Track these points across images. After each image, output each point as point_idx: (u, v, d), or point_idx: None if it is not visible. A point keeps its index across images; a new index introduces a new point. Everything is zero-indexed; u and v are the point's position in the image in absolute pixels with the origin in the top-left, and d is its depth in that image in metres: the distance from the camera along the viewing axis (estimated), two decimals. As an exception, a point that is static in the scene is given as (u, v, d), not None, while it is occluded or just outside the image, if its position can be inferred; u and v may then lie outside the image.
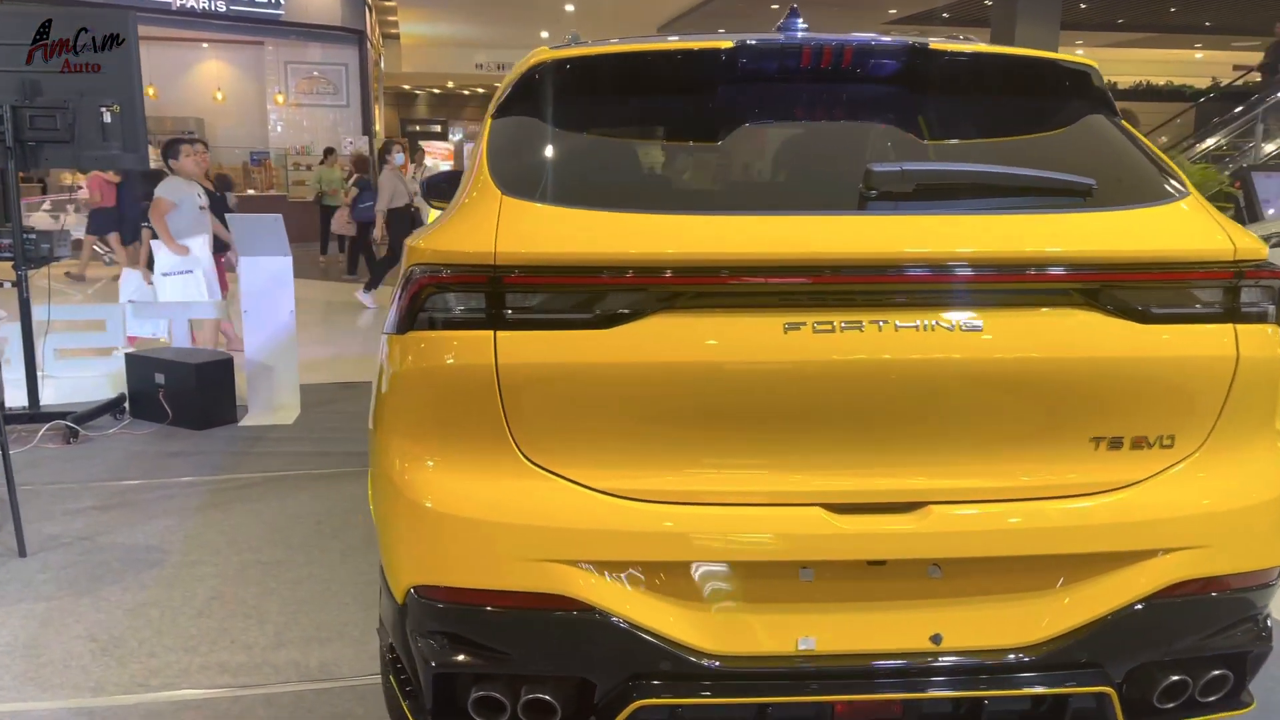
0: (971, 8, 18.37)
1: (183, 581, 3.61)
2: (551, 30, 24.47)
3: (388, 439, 2.04)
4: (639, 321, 1.82)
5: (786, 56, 2.08)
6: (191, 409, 5.67)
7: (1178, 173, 2.08)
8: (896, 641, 1.90)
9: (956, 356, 1.82)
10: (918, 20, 20.49)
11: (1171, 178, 2.05)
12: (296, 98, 19.31)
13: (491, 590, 1.88)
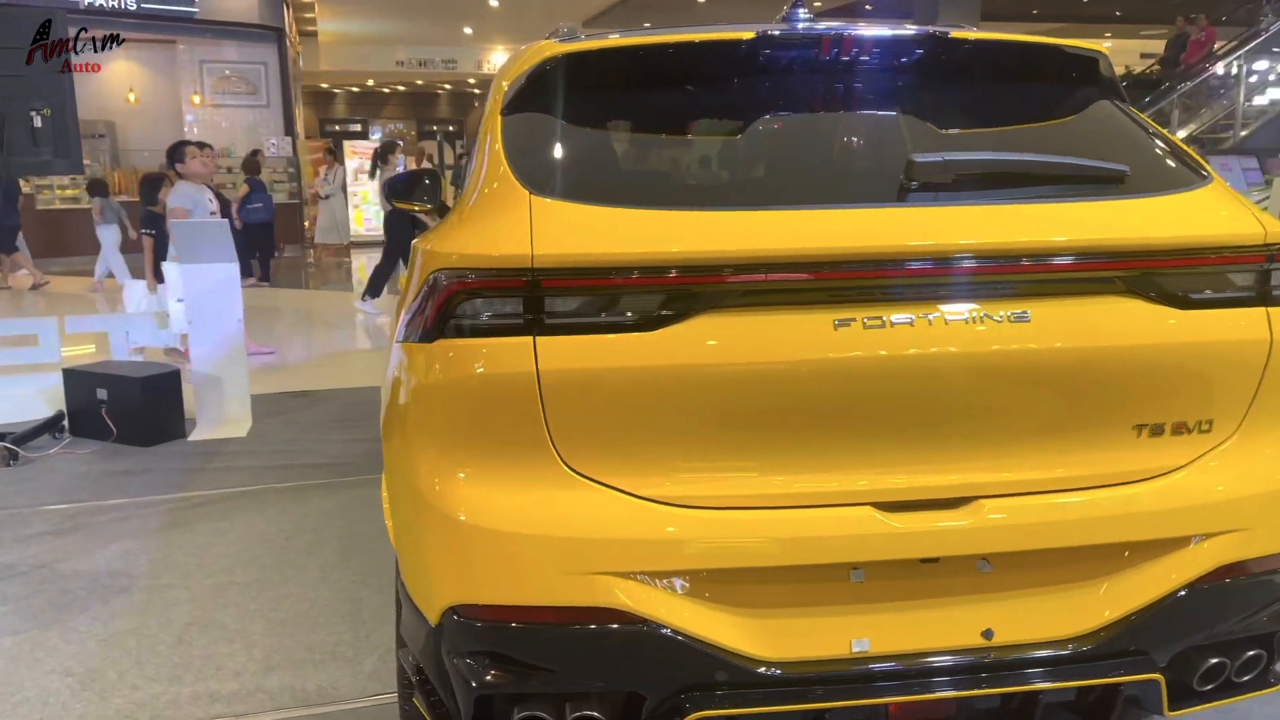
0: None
1: (155, 607, 3.44)
2: (475, 26, 24.20)
3: (414, 453, 1.94)
4: (686, 322, 1.77)
5: (811, 46, 2.04)
6: (137, 425, 5.44)
7: (1197, 158, 2.10)
8: (948, 639, 1.88)
9: (1006, 347, 1.80)
10: (843, 12, 20.72)
11: (1193, 163, 2.07)
12: (213, 98, 18.72)
13: (539, 607, 1.81)
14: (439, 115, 36.24)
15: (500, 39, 26.87)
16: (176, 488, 4.74)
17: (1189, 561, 1.91)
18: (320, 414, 6.18)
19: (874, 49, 2.06)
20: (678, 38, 2.09)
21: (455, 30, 24.89)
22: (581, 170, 2.01)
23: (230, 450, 5.37)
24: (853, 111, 2.18)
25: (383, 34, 25.36)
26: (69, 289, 12.70)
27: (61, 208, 16.49)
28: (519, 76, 2.17)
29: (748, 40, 2.03)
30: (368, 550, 3.91)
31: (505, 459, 1.84)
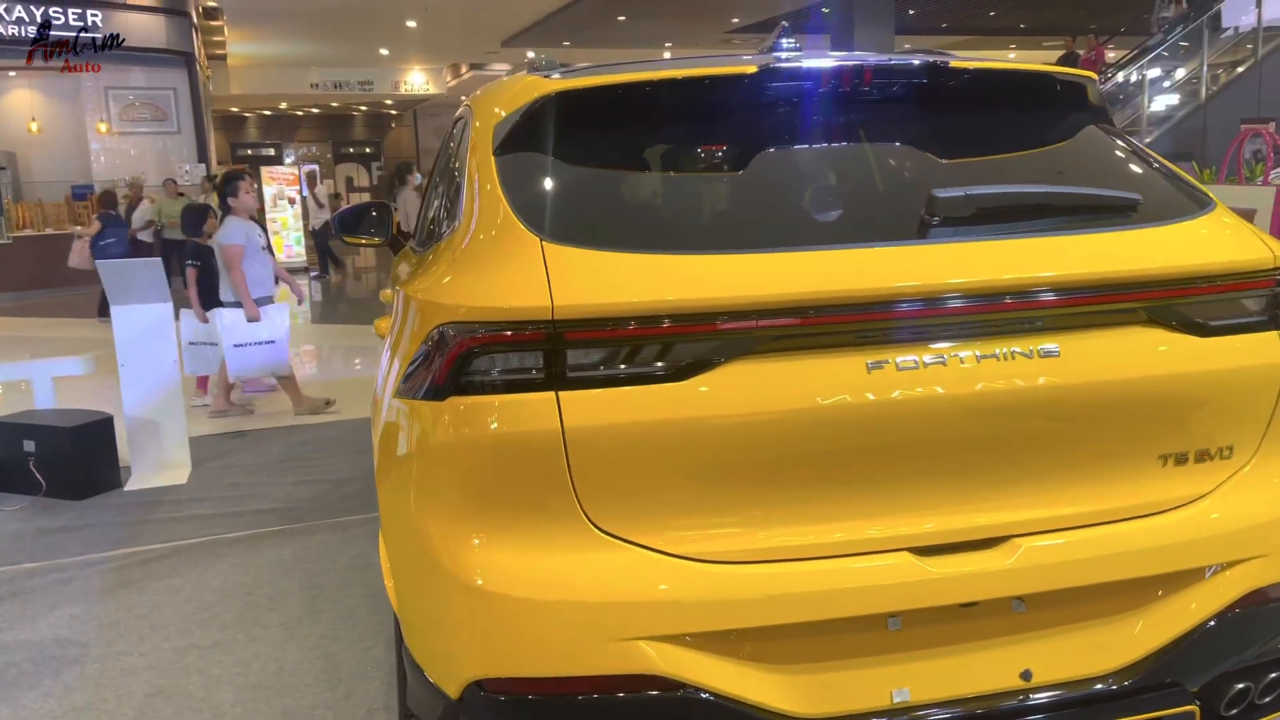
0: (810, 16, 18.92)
1: (111, 678, 3.23)
2: (392, 47, 23.88)
3: (425, 515, 1.83)
4: (715, 370, 1.70)
5: (817, 79, 1.99)
6: (69, 477, 5.15)
7: (1195, 183, 2.11)
8: (988, 682, 1.84)
9: (1037, 383, 1.77)
10: (759, 29, 20.99)
11: (1194, 189, 2.08)
12: (121, 126, 18.10)
13: (571, 677, 1.72)
14: (355, 137, 35.65)
15: (417, 59, 26.60)
16: (119, 544, 4.49)
17: (1218, 589, 1.91)
18: (262, 455, 5.95)
19: (883, 81, 2.03)
20: (682, 73, 2.03)
21: (371, 51, 24.53)
22: (594, 214, 1.92)
23: (172, 499, 5.12)
24: (865, 145, 2.14)
25: (296, 56, 24.87)
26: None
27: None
28: (511, 115, 2.08)
29: (752, 74, 1.98)
30: (334, 603, 3.74)
31: (528, 520, 1.75)
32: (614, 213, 1.96)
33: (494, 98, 2.29)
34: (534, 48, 23.67)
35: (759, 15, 19.76)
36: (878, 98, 2.06)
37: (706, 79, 2.02)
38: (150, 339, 5.42)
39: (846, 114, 2.09)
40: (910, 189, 2.00)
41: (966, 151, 2.12)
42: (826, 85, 2.00)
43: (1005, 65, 2.19)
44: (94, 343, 10.94)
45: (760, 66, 1.98)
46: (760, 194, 2.00)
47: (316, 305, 15.07)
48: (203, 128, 18.76)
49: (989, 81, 2.15)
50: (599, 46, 22.32)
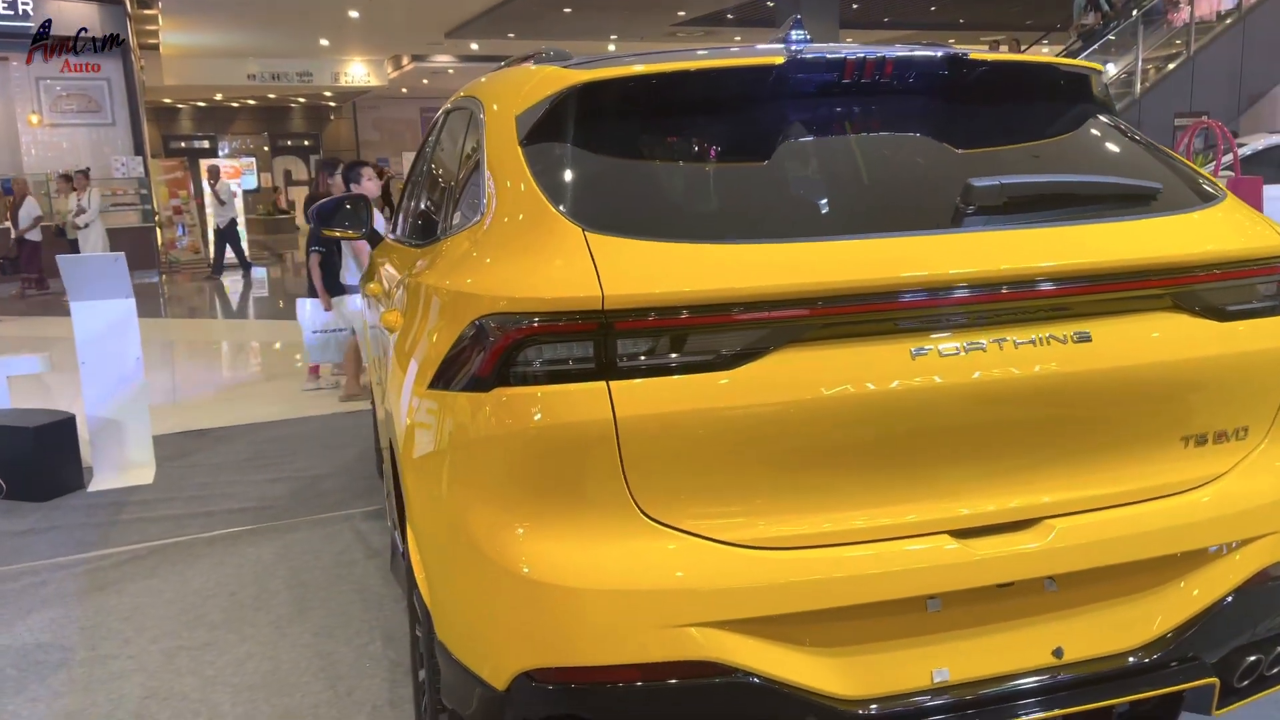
0: (756, 9, 19.05)
1: (101, 682, 3.16)
2: (332, 37, 23.47)
3: (470, 508, 1.83)
4: (764, 359, 1.72)
5: (844, 70, 2.02)
6: (30, 478, 5.01)
7: (1205, 174, 2.18)
8: (1022, 660, 1.89)
9: (1071, 369, 1.82)
10: (705, 22, 21.06)
11: (1204, 179, 2.15)
12: (53, 117, 17.52)
13: (625, 665, 1.73)
14: (293, 130, 34.97)
15: (358, 51, 26.17)
16: (90, 545, 4.38)
17: (1235, 566, 1.98)
18: (227, 454, 5.83)
19: (908, 72, 2.06)
20: (712, 64, 2.04)
21: (311, 42, 24.07)
22: (634, 204, 1.93)
23: (139, 500, 5.00)
24: (894, 134, 2.17)
25: (233, 46, 24.29)
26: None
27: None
28: (535, 106, 2.07)
29: (781, 65, 2.00)
30: (324, 601, 3.69)
31: (577, 509, 1.75)
32: (652, 202, 1.97)
33: (511, 89, 2.27)
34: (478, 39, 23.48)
35: (704, 9, 19.81)
36: (902, 88, 2.10)
37: (736, 70, 2.04)
38: (112, 336, 5.28)
39: (874, 104, 2.13)
40: (942, 178, 2.04)
41: (989, 141, 2.17)
42: (853, 75, 2.03)
43: (1018, 57, 2.25)
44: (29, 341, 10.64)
45: (788, 56, 2.00)
46: (794, 183, 2.03)
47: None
48: (138, 119, 18.24)
49: (1005, 73, 2.20)
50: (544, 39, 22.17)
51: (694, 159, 2.07)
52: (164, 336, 10.90)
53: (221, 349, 11.01)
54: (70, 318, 5.18)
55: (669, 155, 2.07)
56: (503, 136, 2.14)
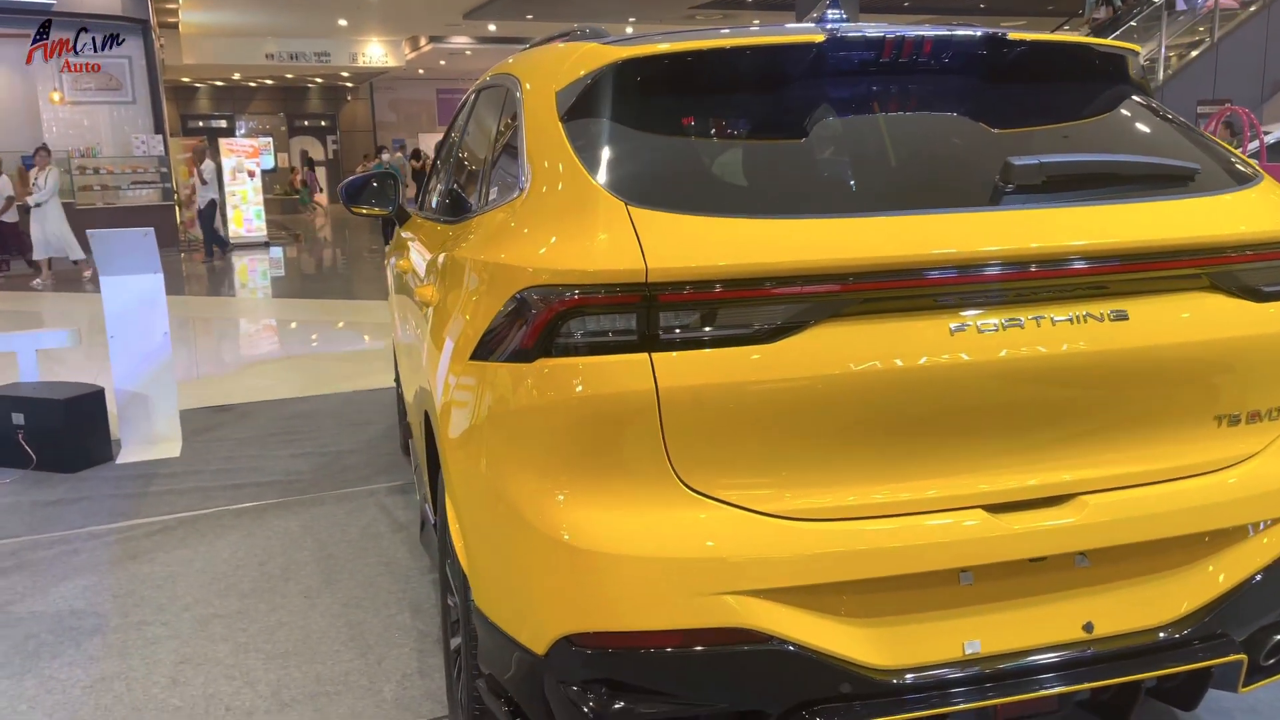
0: (775, -7, 18.95)
1: (136, 647, 3.22)
2: (351, 17, 23.47)
3: (511, 476, 1.86)
4: (804, 333, 1.75)
5: (883, 49, 2.03)
6: (61, 450, 5.07)
7: (1239, 155, 2.19)
8: (1053, 634, 1.91)
9: (1109, 346, 1.85)
10: (723, 5, 20.97)
11: (1239, 161, 2.16)
12: (74, 95, 17.62)
13: (662, 631, 1.76)
14: (310, 110, 35.03)
15: (376, 31, 26.17)
16: (121, 516, 4.44)
17: (1264, 544, 2.00)
18: (251, 429, 5.89)
19: (947, 51, 2.08)
20: (752, 40, 2.06)
21: (329, 22, 24.09)
22: (676, 179, 1.96)
23: (167, 472, 5.06)
24: (932, 112, 2.19)
25: (251, 25, 24.35)
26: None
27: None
28: (576, 82, 2.09)
29: (821, 42, 2.01)
30: (351, 572, 3.75)
31: (619, 480, 1.79)
32: (693, 177, 2.00)
33: (550, 66, 2.29)
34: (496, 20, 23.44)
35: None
36: (940, 67, 2.11)
37: (776, 47, 2.06)
38: (140, 310, 5.34)
39: (913, 83, 2.14)
40: (980, 156, 2.06)
41: (1026, 120, 2.19)
42: (892, 54, 2.04)
43: (1056, 37, 2.26)
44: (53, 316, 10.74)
45: (828, 34, 2.02)
46: (834, 160, 2.05)
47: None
48: (158, 98, 18.33)
49: (1042, 53, 2.21)
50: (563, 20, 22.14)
51: (734, 135, 2.09)
52: (184, 313, 10.97)
53: (240, 325, 11.08)
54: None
55: (709, 131, 2.09)
56: (542, 113, 2.16)
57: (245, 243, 18.52)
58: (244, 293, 14.15)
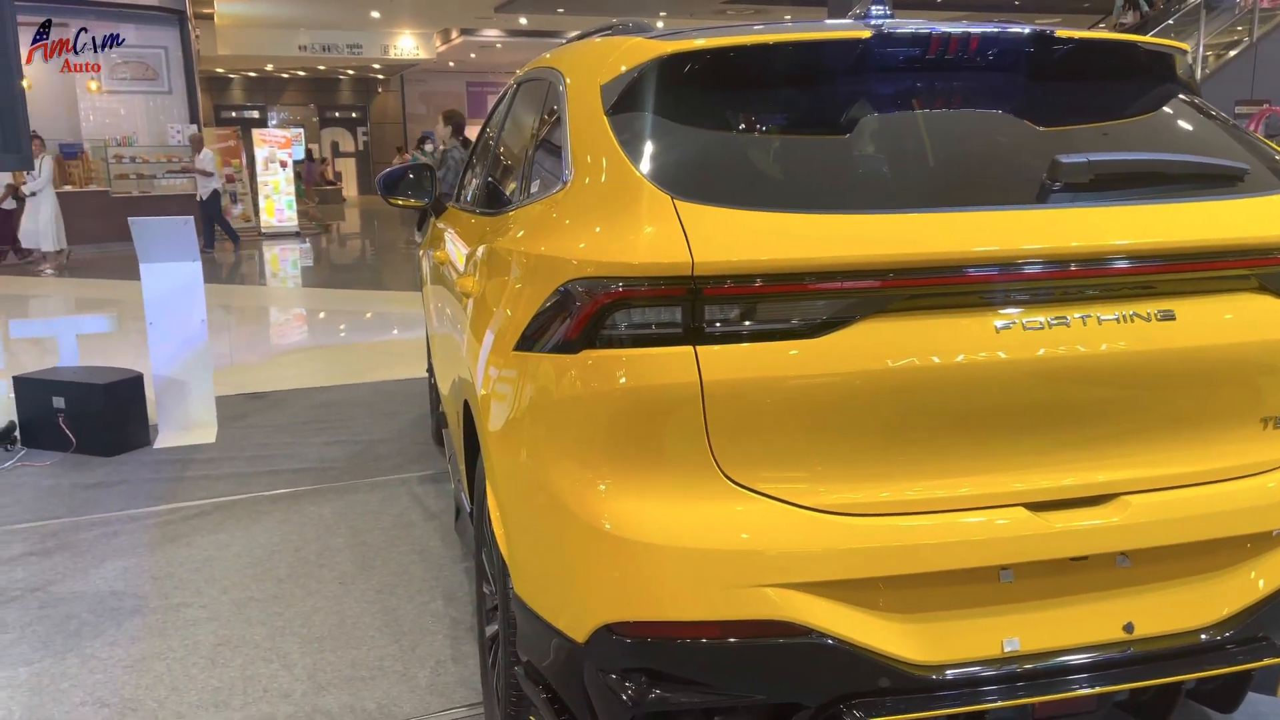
0: (807, -12, 18.86)
1: (175, 628, 3.27)
2: (383, 10, 23.58)
3: (554, 467, 1.88)
4: (850, 328, 1.75)
5: (929, 45, 2.03)
6: (100, 434, 5.16)
7: None
8: (1092, 634, 1.91)
9: (1155, 346, 1.84)
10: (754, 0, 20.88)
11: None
12: (111, 84, 17.82)
13: (702, 622, 1.78)
14: (341, 102, 35.24)
15: (408, 23, 26.27)
16: (159, 499, 4.51)
17: None
18: (284, 417, 5.96)
19: (993, 48, 2.07)
20: (798, 36, 2.06)
21: (362, 14, 24.21)
22: (722, 173, 1.97)
23: (203, 458, 5.13)
24: (978, 110, 2.19)
25: (285, 17, 24.52)
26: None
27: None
28: (622, 76, 2.10)
29: (868, 39, 2.01)
30: (385, 559, 3.79)
31: (661, 471, 1.80)
32: (739, 172, 2.01)
33: (595, 59, 2.31)
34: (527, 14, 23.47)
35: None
36: (987, 64, 2.11)
37: (822, 43, 2.06)
38: (179, 297, 5.42)
39: (959, 79, 2.14)
40: (1026, 154, 2.06)
41: (1073, 118, 2.18)
42: (938, 51, 2.04)
43: (1103, 35, 2.25)
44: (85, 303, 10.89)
45: (874, 30, 2.02)
46: (880, 156, 2.05)
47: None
48: (194, 88, 18.51)
49: (1089, 50, 2.20)
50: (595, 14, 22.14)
51: (779, 130, 2.10)
52: (217, 301, 11.09)
53: (271, 314, 11.18)
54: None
55: (754, 126, 2.09)
56: (587, 106, 2.17)
57: (276, 232, 18.70)
58: (274, 282, 14.28)
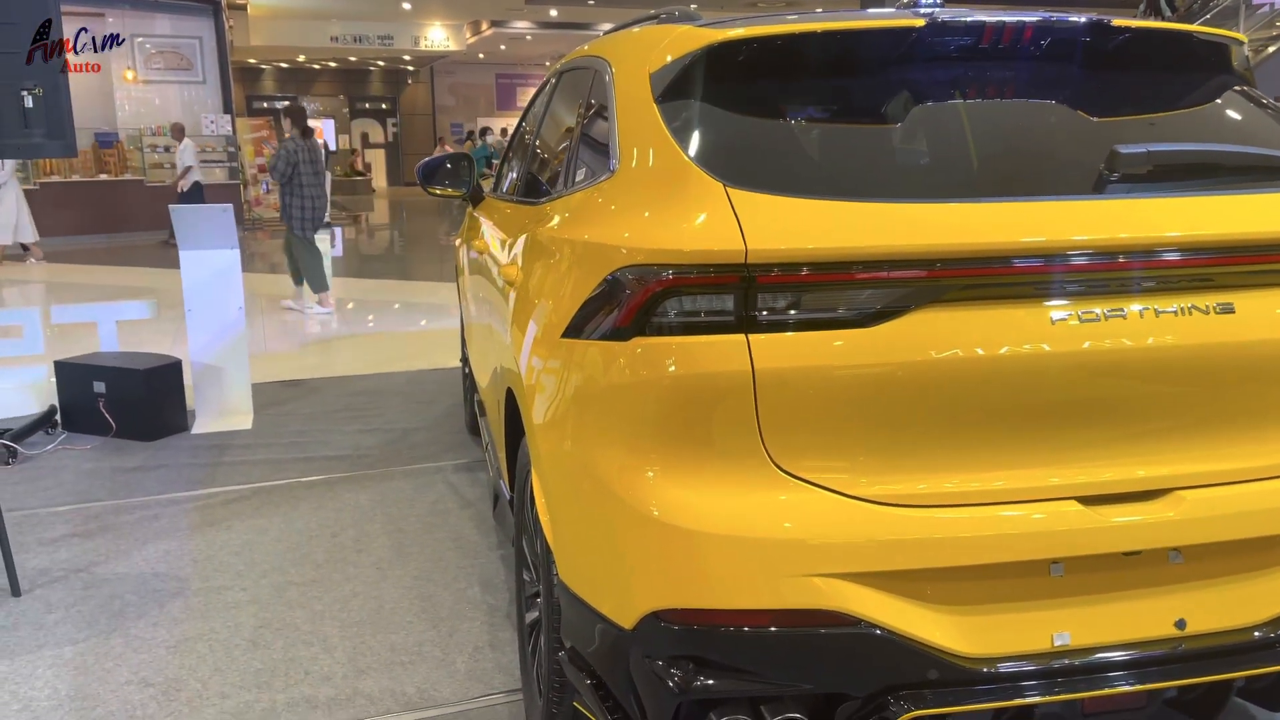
0: (841, -20, 18.73)
1: (217, 610, 3.31)
2: (414, 1, 23.66)
3: (603, 453, 1.88)
4: (903, 318, 1.74)
5: (983, 34, 2.02)
6: (139, 419, 5.22)
7: None
8: (1143, 630, 1.89)
9: (1212, 340, 1.82)
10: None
11: None
12: (146, 74, 18.01)
13: (751, 610, 1.77)
14: (371, 93, 35.43)
15: (439, 14, 26.36)
16: (198, 484, 4.57)
17: None
18: (319, 404, 6.01)
19: (1048, 37, 2.05)
20: (850, 24, 2.05)
21: (393, 5, 24.32)
22: (774, 161, 1.96)
23: (240, 443, 5.19)
24: (1032, 100, 2.17)
25: (317, 8, 24.66)
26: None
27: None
28: (671, 64, 2.10)
29: (921, 28, 2.00)
30: (421, 546, 3.82)
31: (711, 459, 1.80)
32: (791, 160, 2.00)
33: (643, 48, 2.30)
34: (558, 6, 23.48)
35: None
36: (1041, 54, 2.08)
37: (874, 31, 2.05)
38: (217, 284, 5.47)
39: (1013, 69, 2.12)
40: (1080, 144, 2.04)
41: (1127, 108, 2.15)
42: (991, 40, 2.03)
43: (1159, 25, 2.22)
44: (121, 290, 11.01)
45: (928, 19, 2.00)
46: (933, 145, 2.04)
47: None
48: (227, 78, 18.67)
49: (1145, 40, 2.17)
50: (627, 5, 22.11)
51: (830, 118, 2.09)
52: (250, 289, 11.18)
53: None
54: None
55: (805, 114, 2.08)
56: (635, 94, 2.17)
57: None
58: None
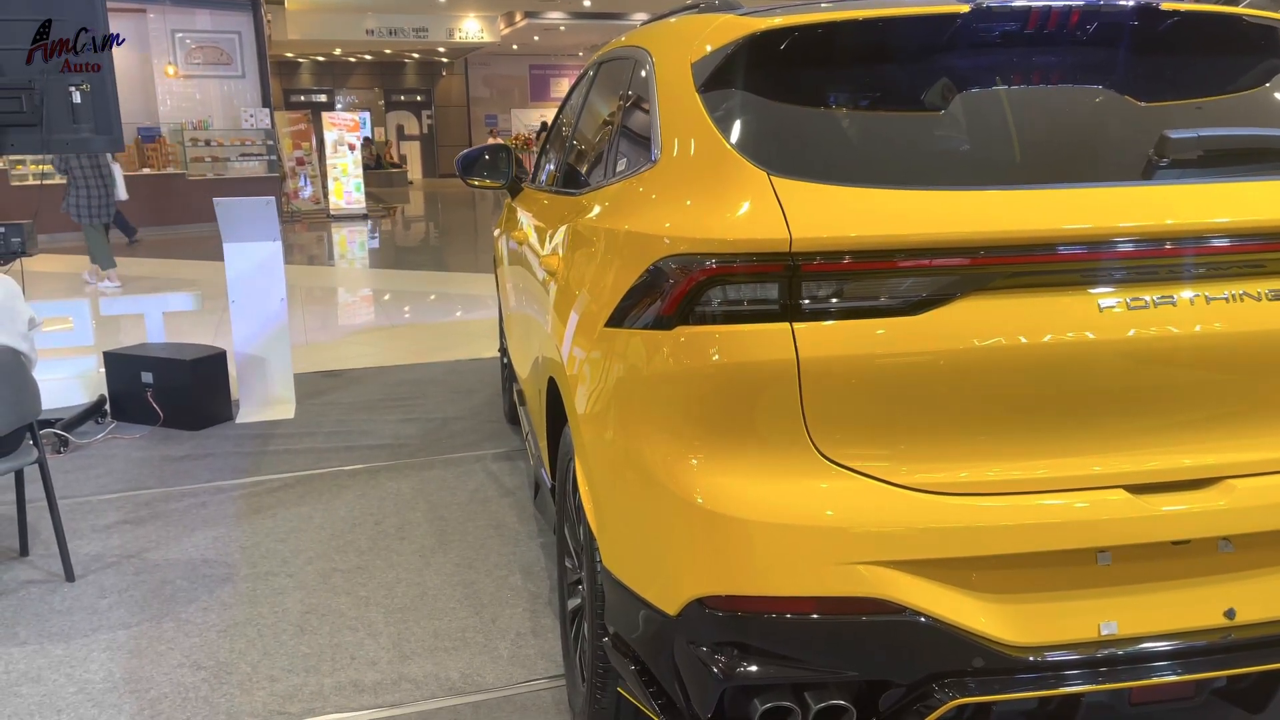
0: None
1: (265, 596, 3.37)
2: (450, -7, 23.71)
3: (648, 442, 1.90)
4: (949, 306, 1.74)
5: (1028, 20, 2.00)
6: (186, 409, 5.32)
7: None
8: (1193, 619, 1.88)
9: (1264, 327, 1.80)
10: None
11: None
12: (187, 69, 18.24)
13: (796, 597, 1.78)
14: (406, 85, 35.62)
15: (473, 7, 26.41)
16: (243, 472, 4.64)
17: None
18: (359, 394, 6.08)
19: (1094, 21, 2.03)
20: (894, 11, 2.04)
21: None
22: (817, 149, 1.96)
23: (283, 433, 5.26)
24: (1078, 85, 2.15)
25: (353, 2, 24.81)
26: (51, 267, 12.35)
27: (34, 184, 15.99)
28: (714, 54, 2.11)
29: (965, 14, 1.99)
30: (462, 534, 3.86)
31: (755, 447, 1.81)
32: (834, 148, 2.00)
33: (685, 37, 2.31)
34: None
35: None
36: (1088, 38, 2.06)
37: (919, 18, 2.04)
38: (260, 276, 5.55)
39: (1059, 54, 2.10)
40: (1128, 129, 2.02)
41: (1176, 93, 2.13)
42: (1037, 25, 2.01)
43: (1206, 8, 2.18)
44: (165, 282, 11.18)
45: (973, 5, 1.99)
46: (979, 132, 2.03)
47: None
48: (265, 72, 18.85)
49: (1192, 24, 2.14)
50: (659, -4, 22.04)
51: (873, 106, 2.08)
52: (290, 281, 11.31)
53: (339, 295, 11.37)
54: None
55: (849, 102, 2.08)
56: (677, 83, 2.18)
57: (345, 214, 19.01)
58: (343, 263, 14.51)
